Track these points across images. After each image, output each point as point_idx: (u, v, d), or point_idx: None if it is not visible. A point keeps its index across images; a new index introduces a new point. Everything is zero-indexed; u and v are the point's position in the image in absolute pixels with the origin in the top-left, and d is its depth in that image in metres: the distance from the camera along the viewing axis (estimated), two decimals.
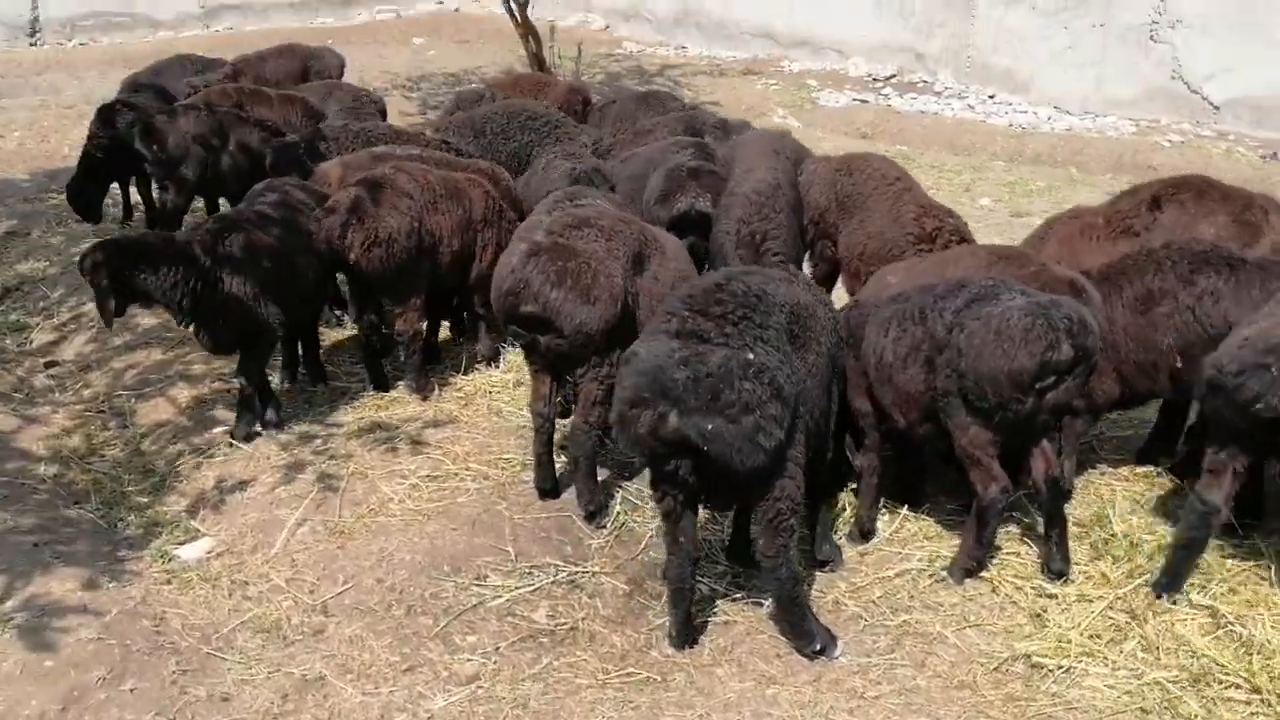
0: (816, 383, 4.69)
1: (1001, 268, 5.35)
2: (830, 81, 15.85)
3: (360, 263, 6.42)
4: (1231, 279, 5.14)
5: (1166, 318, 5.24)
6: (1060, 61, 14.06)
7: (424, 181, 6.70)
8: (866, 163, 6.98)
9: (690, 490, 4.41)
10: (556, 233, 5.35)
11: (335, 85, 10.23)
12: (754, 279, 4.74)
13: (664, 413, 4.13)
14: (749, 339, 4.37)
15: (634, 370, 4.29)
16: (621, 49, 18.83)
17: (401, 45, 19.68)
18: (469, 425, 6.49)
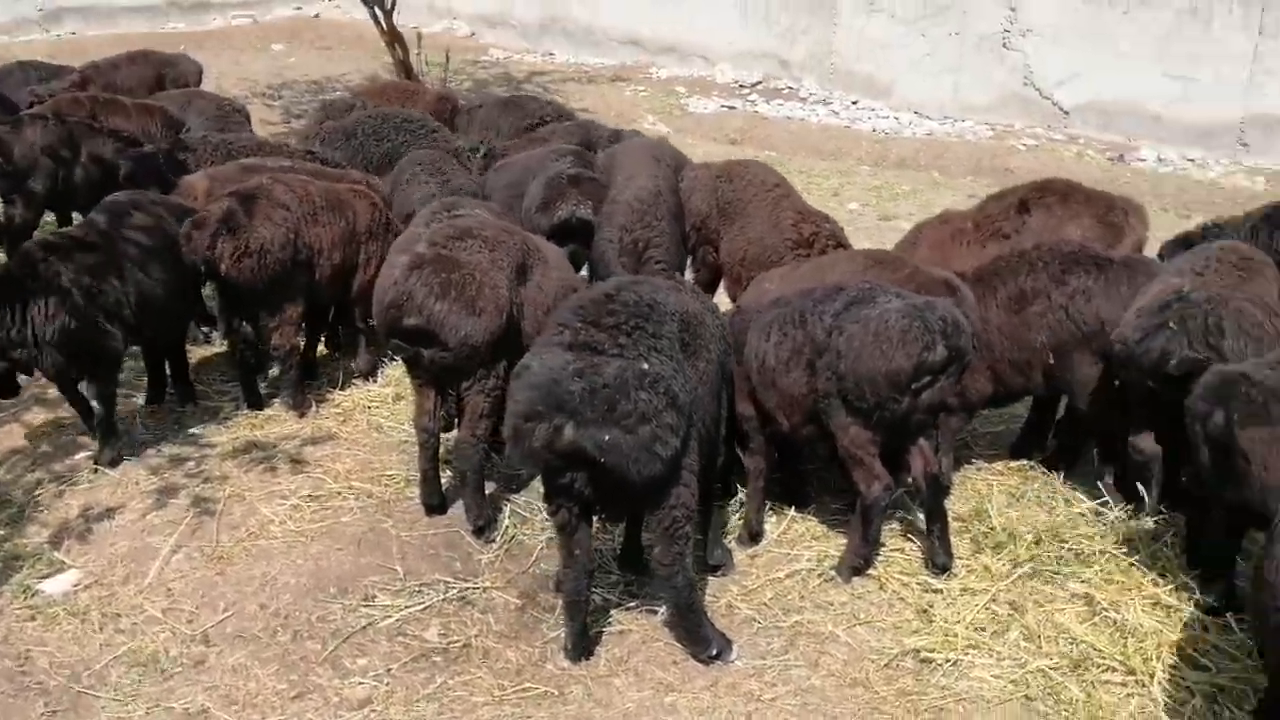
0: (708, 390, 4.71)
1: (877, 271, 5.47)
2: (698, 88, 16.02)
3: (231, 274, 6.19)
4: (1101, 277, 5.36)
5: (1039, 316, 5.43)
6: (920, 69, 14.50)
7: (303, 193, 6.52)
8: (746, 169, 7.07)
9: (585, 502, 4.38)
10: (439, 244, 5.25)
11: (195, 94, 9.88)
12: (644, 288, 4.73)
13: (559, 425, 4.08)
14: (643, 349, 4.35)
15: (527, 383, 4.24)
16: (488, 56, 18.69)
17: (259, 52, 19.14)
18: (349, 442, 6.33)
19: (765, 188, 6.81)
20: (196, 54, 17.75)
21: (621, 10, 17.88)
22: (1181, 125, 12.46)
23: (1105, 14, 12.78)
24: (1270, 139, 11.90)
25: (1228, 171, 11.81)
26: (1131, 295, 5.19)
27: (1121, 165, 12.19)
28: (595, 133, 7.84)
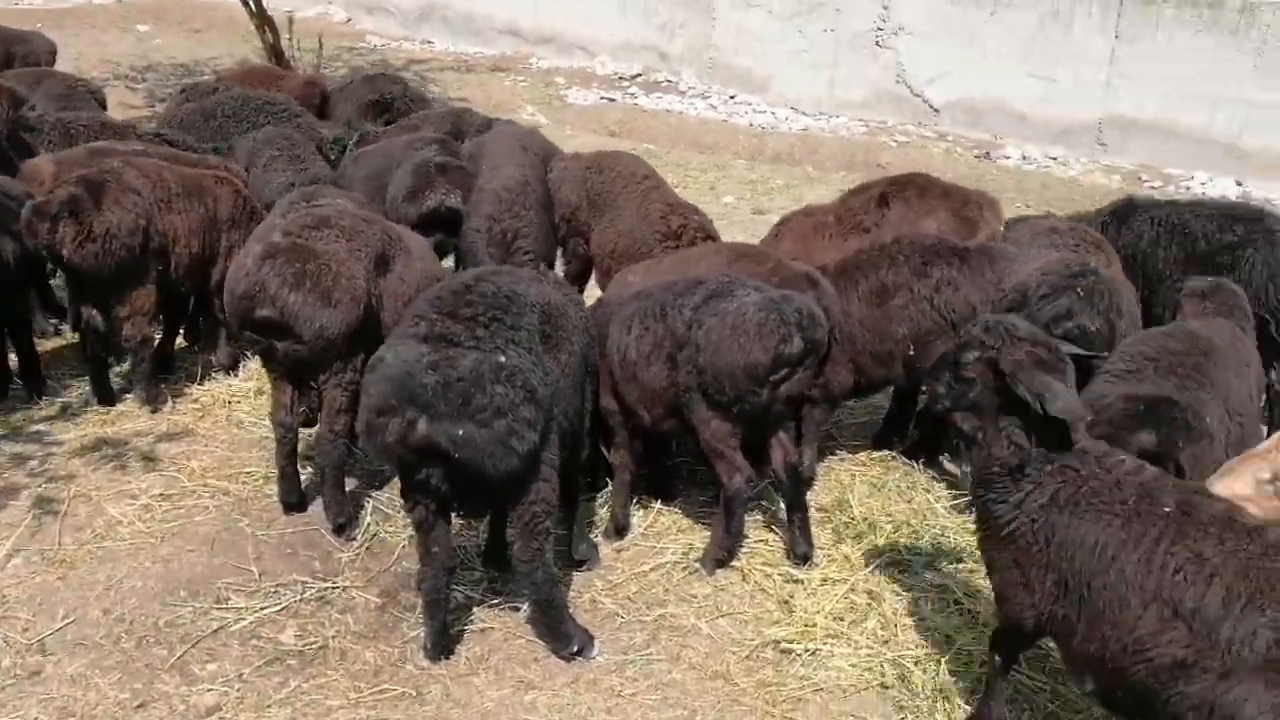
0: (570, 383, 4.67)
1: (741, 265, 5.51)
2: (578, 79, 15.95)
3: (74, 260, 5.91)
4: (964, 267, 5.50)
5: (901, 309, 5.54)
6: (796, 64, 14.68)
7: (157, 178, 6.27)
8: (616, 160, 7.05)
9: (442, 498, 4.30)
10: (294, 233, 5.10)
11: (46, 73, 9.43)
12: (504, 279, 4.66)
13: (413, 420, 4.00)
14: (500, 341, 4.29)
15: (381, 376, 4.14)
16: (365, 43, 18.30)
17: (123, 32, 18.41)
18: (206, 438, 6.13)
19: (635, 179, 6.80)
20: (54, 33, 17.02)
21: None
22: (1044, 124, 12.87)
23: (972, 15, 13.12)
24: (1125, 139, 12.38)
25: (1086, 170, 12.25)
26: (997, 279, 5.35)
27: (988, 162, 12.53)
28: (467, 121, 7.72)
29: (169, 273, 6.30)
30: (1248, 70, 11.51)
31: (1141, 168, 12.21)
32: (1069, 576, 3.52)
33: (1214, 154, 11.86)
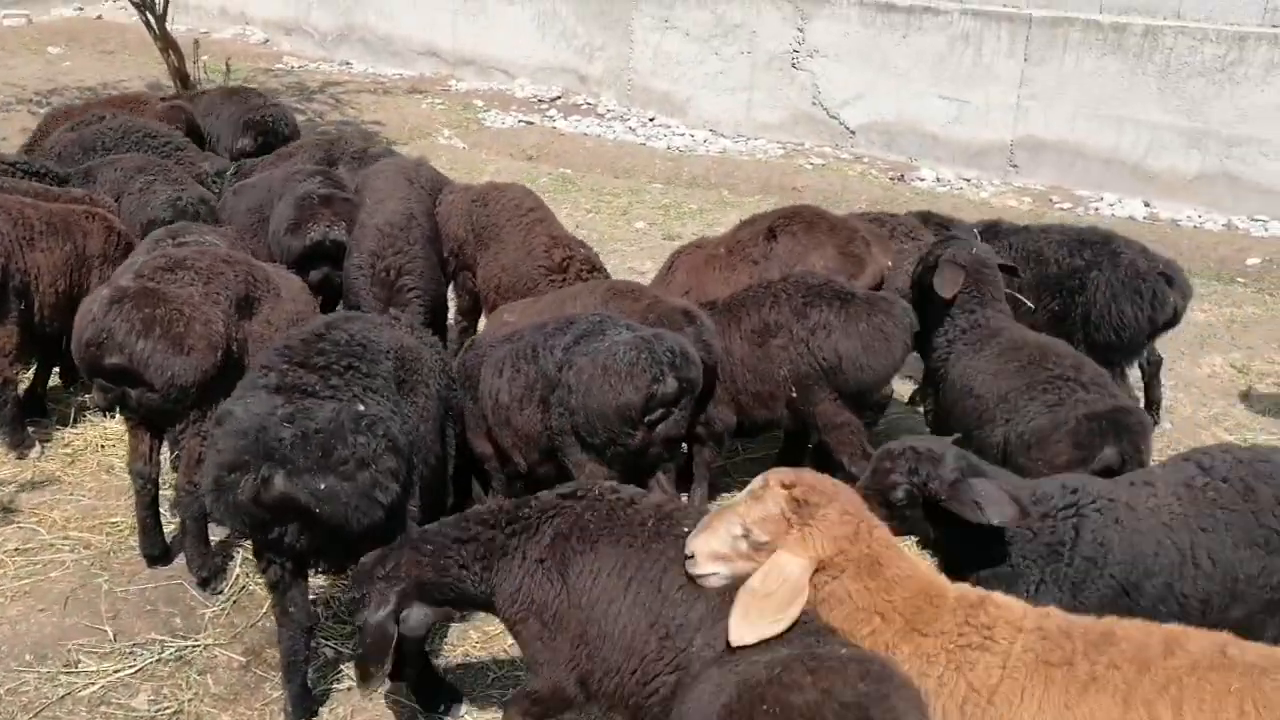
0: (429, 428, 4.52)
1: (617, 302, 5.38)
2: (497, 102, 15.79)
3: None
4: (842, 312, 5.39)
5: (781, 349, 5.43)
6: (714, 86, 14.65)
7: (18, 215, 6.02)
8: (502, 193, 6.89)
9: (299, 556, 4.12)
10: (146, 276, 4.89)
11: None
12: (355, 325, 4.53)
13: (268, 476, 3.82)
14: (358, 389, 4.14)
15: (231, 430, 3.96)
16: (282, 64, 17.99)
17: (34, 54, 17.95)
18: (73, 486, 5.89)
19: (520, 212, 6.65)
20: None
21: (421, 21, 17.49)
22: (957, 146, 12.94)
23: (885, 37, 13.17)
24: (1036, 161, 12.46)
25: (999, 191, 12.31)
26: (870, 331, 5.26)
27: (902, 185, 12.56)
28: (340, 149, 7.52)
29: (32, 312, 6.04)
30: (1152, 93, 11.65)
31: (1052, 189, 12.30)
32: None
33: (1121, 175, 11.98)
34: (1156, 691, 2.74)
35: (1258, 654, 2.83)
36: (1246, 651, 2.82)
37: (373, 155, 7.52)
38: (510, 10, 16.38)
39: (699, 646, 3.20)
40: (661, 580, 3.34)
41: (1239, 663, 2.77)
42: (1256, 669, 2.74)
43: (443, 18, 17.18)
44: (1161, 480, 3.90)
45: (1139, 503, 3.80)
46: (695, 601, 3.26)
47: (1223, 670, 2.74)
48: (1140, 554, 3.68)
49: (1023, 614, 3.01)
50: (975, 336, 5.24)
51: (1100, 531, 3.71)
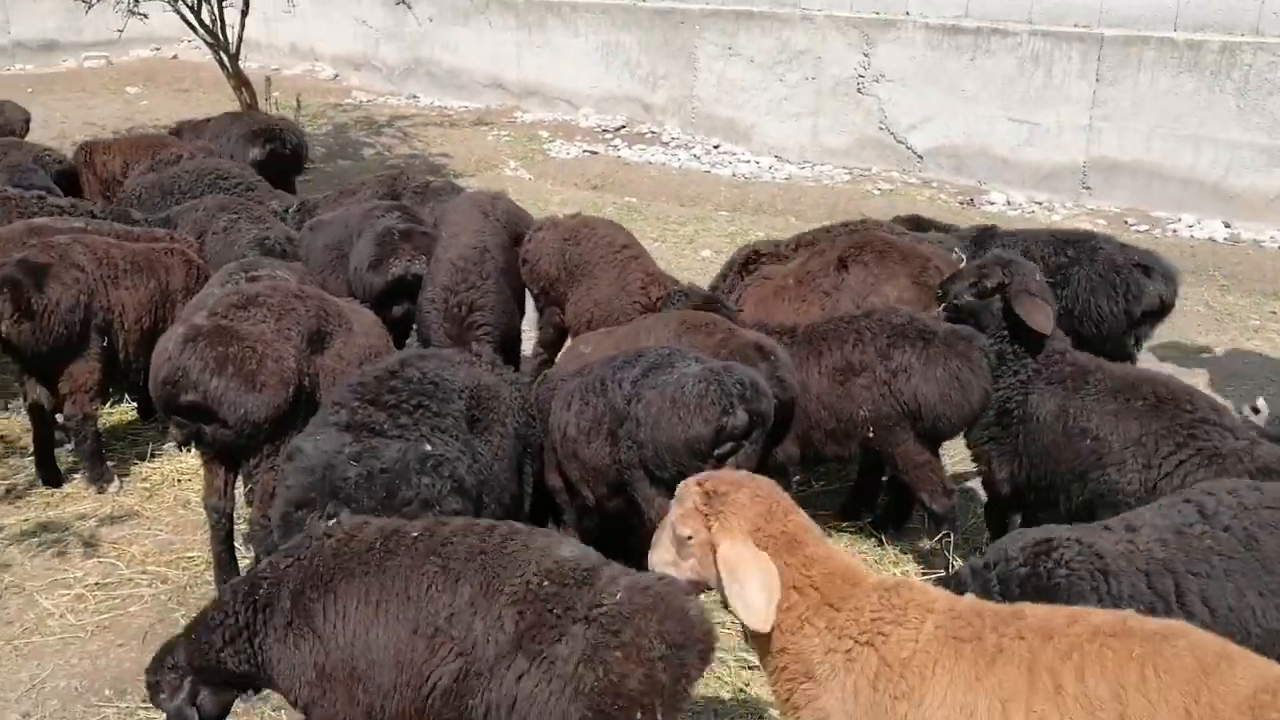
0: (503, 467, 4.50)
1: (690, 336, 5.33)
2: (561, 132, 15.90)
3: (10, 337, 5.83)
4: (924, 354, 5.23)
5: (864, 390, 5.30)
6: (779, 112, 14.60)
7: (103, 254, 6.16)
8: (594, 230, 6.87)
9: None
10: (219, 314, 4.95)
11: (13, 144, 9.34)
12: (430, 364, 4.54)
13: (334, 514, 3.83)
14: (425, 429, 4.13)
15: (300, 468, 3.99)
16: (351, 99, 18.32)
17: (113, 95, 18.48)
18: (151, 520, 5.97)
19: (613, 248, 6.65)
20: (44, 97, 17.20)
21: (486, 54, 17.71)
22: (1028, 169, 12.74)
23: (951, 60, 13.04)
24: (1109, 182, 12.22)
25: (1071, 214, 12.08)
26: (948, 378, 5.15)
27: (972, 208, 12.38)
28: (403, 183, 7.58)
29: (115, 349, 6.16)
30: (1230, 110, 11.37)
31: (1127, 211, 12.04)
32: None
33: (1200, 195, 11.70)
34: (1060, 658, 2.82)
35: (1159, 624, 2.91)
36: (1147, 622, 2.90)
37: (435, 189, 7.58)
38: (575, 42, 16.52)
39: (483, 627, 3.18)
40: (407, 589, 3.28)
41: (1140, 631, 2.85)
42: (1158, 636, 2.82)
43: (508, 50, 17.37)
44: (1149, 524, 3.71)
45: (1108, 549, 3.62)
46: (455, 588, 3.23)
47: (1124, 637, 2.82)
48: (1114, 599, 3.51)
49: (935, 598, 3.07)
50: (1062, 372, 5.08)
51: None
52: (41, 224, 6.52)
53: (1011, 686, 2.82)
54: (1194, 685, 2.69)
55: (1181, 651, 2.76)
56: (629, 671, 3.03)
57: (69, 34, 20.56)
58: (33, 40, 20.48)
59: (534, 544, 3.35)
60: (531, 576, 3.22)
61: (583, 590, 3.18)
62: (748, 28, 14.69)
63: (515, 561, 3.27)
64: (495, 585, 3.22)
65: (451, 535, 3.38)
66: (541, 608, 3.15)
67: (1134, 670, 2.74)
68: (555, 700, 3.08)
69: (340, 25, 19.60)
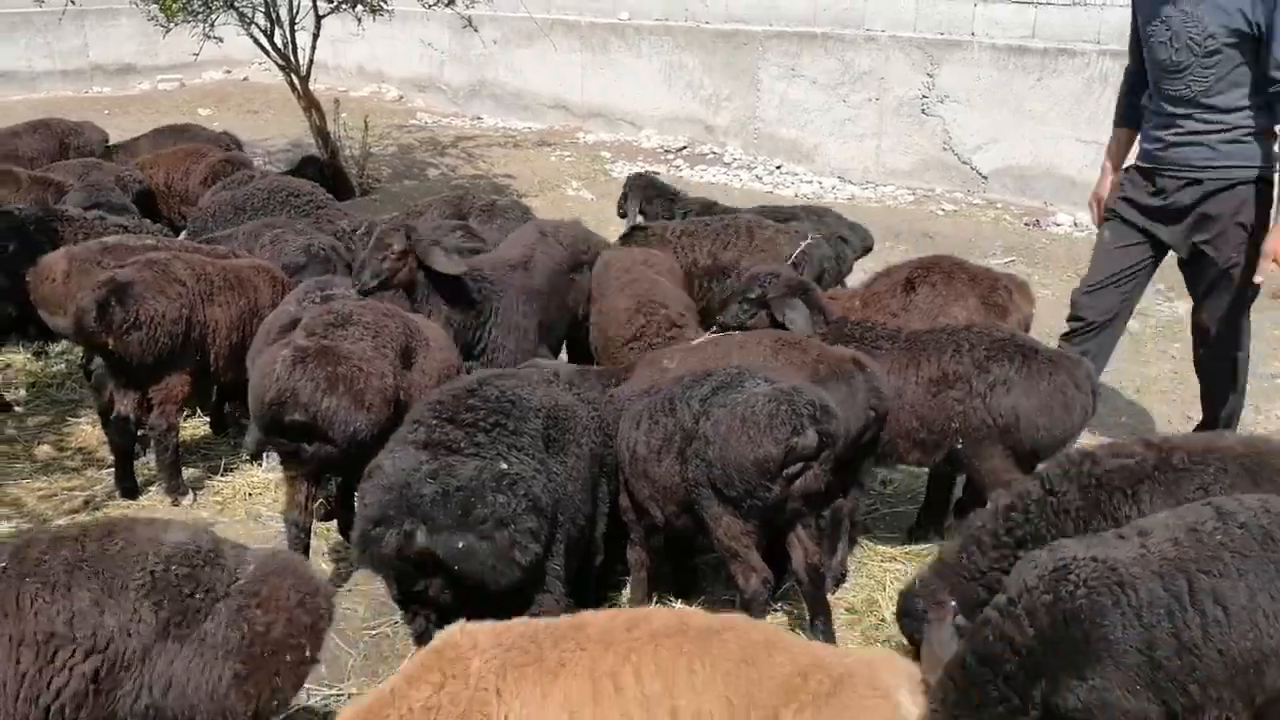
0: (579, 488, 4.53)
1: (786, 353, 5.33)
2: (624, 153, 16.00)
3: (117, 349, 6.03)
4: (1024, 369, 5.22)
5: (957, 402, 5.29)
6: (841, 133, 14.58)
7: (200, 271, 6.35)
8: (609, 257, 6.90)
9: (444, 609, 4.15)
10: (319, 334, 5.05)
11: (94, 164, 9.61)
12: (508, 382, 4.57)
13: (410, 531, 3.88)
14: (502, 447, 4.17)
15: (378, 485, 4.04)
16: (416, 120, 18.60)
17: (185, 116, 18.82)
18: (223, 532, 5.97)
19: (615, 273, 6.66)
20: (119, 119, 17.63)
21: (550, 75, 17.90)
22: None
23: (1018, 81, 12.93)
24: None
25: None
26: (1051, 392, 5.13)
27: (1038, 230, 12.25)
28: (468, 203, 7.68)
29: (207, 363, 6.34)
30: None
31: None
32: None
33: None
34: (619, 662, 3.02)
35: (716, 620, 3.15)
36: (704, 619, 3.15)
37: (501, 208, 7.67)
38: (638, 63, 16.63)
39: (117, 623, 3.28)
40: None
41: (692, 628, 3.08)
42: (708, 631, 3.05)
43: (571, 71, 17.53)
44: (1161, 525, 3.64)
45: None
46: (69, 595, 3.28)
47: (678, 636, 3.06)
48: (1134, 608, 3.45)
49: (474, 639, 3.21)
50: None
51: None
52: (115, 242, 6.72)
53: (578, 697, 3.00)
54: (735, 674, 2.95)
55: (727, 643, 3.02)
56: (272, 621, 3.42)
57: (144, 58, 21.11)
58: (110, 64, 21.06)
59: (138, 536, 3.52)
60: (155, 566, 3.40)
61: (216, 570, 3.45)
62: (810, 49, 14.70)
63: (127, 557, 3.43)
64: (118, 583, 3.35)
65: (42, 555, 3.43)
66: (178, 594, 3.36)
67: (683, 665, 2.98)
68: (210, 668, 3.34)
69: (406, 47, 19.92)
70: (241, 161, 9.85)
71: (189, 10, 12.26)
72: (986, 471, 5.33)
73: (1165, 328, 9.25)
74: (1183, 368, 8.32)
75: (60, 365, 8.44)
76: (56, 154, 10.92)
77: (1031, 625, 3.47)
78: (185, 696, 3.34)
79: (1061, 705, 3.43)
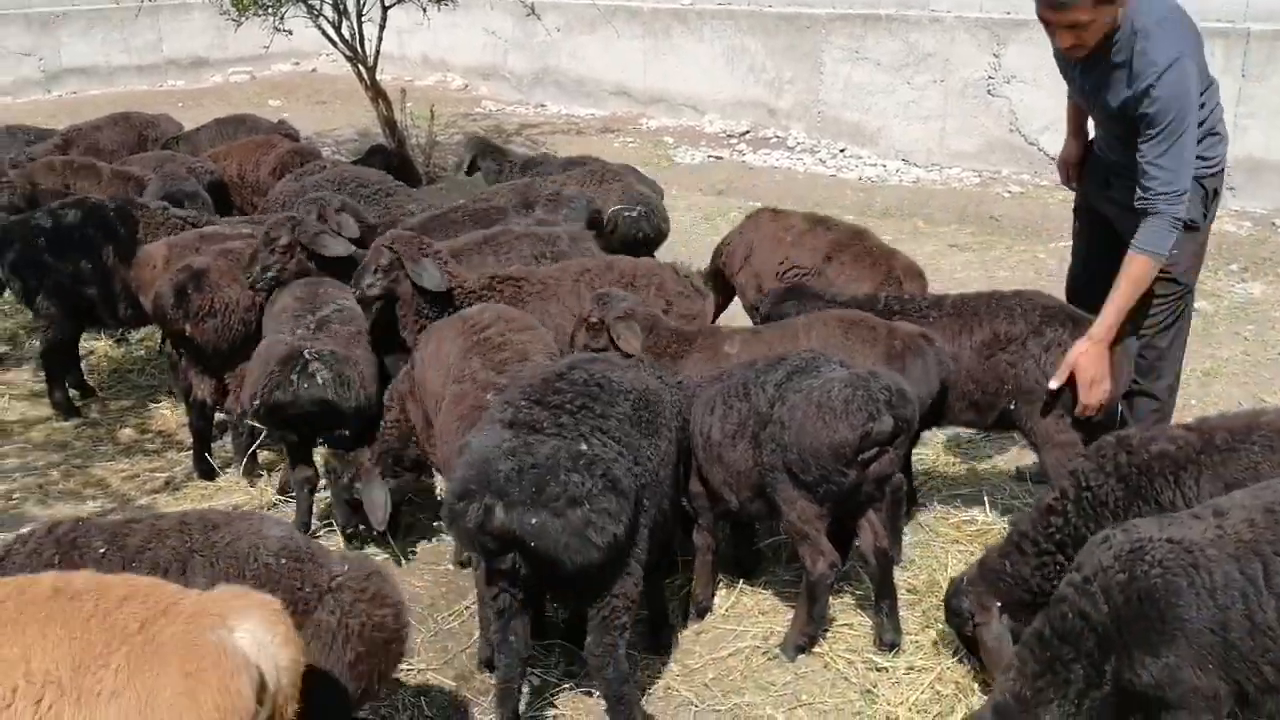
0: (668, 473, 4.60)
1: (856, 331, 5.42)
2: (686, 138, 16.01)
3: (195, 335, 6.32)
4: (1076, 332, 5.29)
5: (1010, 366, 5.39)
6: (906, 115, 14.45)
7: None
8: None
9: (527, 587, 4.24)
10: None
11: (168, 156, 9.87)
12: (597, 366, 4.65)
13: (490, 506, 3.97)
14: (585, 429, 4.23)
15: (464, 462, 4.15)
16: (480, 108, 18.76)
17: (256, 108, 19.16)
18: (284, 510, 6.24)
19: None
20: (193, 112, 18.02)
21: (612, 62, 17.95)
22: None
23: None
24: (1255, 182, 11.75)
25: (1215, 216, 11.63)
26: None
27: None
28: (534, 192, 7.77)
29: None
30: None
31: (1275, 212, 11.56)
32: None
33: None
34: None
35: (94, 581, 3.13)
36: (81, 581, 3.12)
37: (567, 197, 7.74)
38: (700, 47, 16.62)
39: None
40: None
41: (61, 591, 3.05)
42: (71, 594, 3.03)
43: (634, 57, 17.56)
44: (1238, 506, 3.65)
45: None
46: (182, 579, 3.54)
47: (43, 601, 3.03)
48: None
49: None
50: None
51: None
52: (210, 232, 6.99)
53: None
54: (84, 630, 2.96)
55: (85, 603, 3.01)
56: (384, 613, 3.82)
57: (216, 51, 21.55)
58: (184, 57, 21.53)
59: (241, 529, 3.85)
60: (268, 559, 3.74)
61: (317, 568, 3.79)
62: (874, 30, 14.58)
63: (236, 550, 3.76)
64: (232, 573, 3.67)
65: (145, 543, 3.75)
66: (290, 585, 3.67)
67: (37, 629, 2.96)
68: (336, 651, 3.71)
69: (470, 36, 20.08)
70: (311, 152, 10.06)
71: (259, 4, 12.51)
72: (1039, 431, 5.40)
73: (1238, 309, 9.08)
74: (1255, 349, 8.19)
75: (140, 352, 8.71)
76: (135, 146, 11.23)
77: (1106, 603, 3.57)
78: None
79: (1135, 681, 3.54)
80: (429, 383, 5.38)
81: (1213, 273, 9.87)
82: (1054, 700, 3.69)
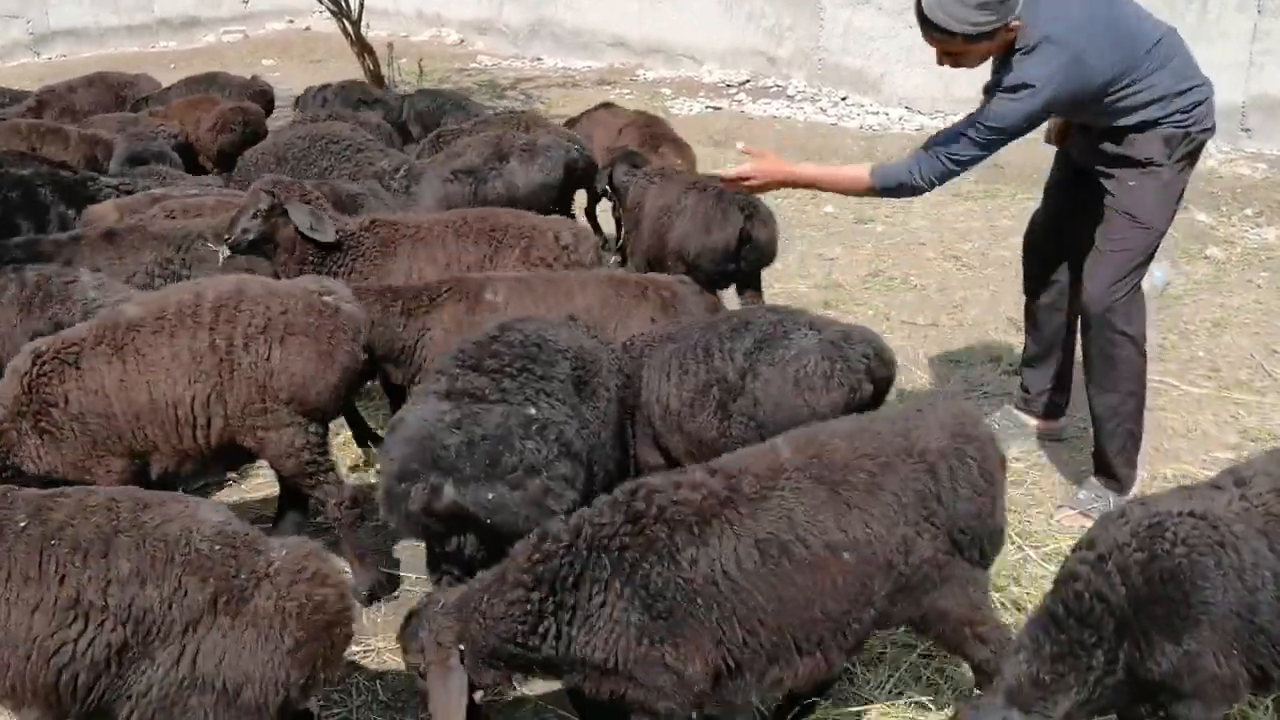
0: (610, 434, 4.33)
1: (626, 289, 5.45)
2: (684, 89, 15.59)
3: None
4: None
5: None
6: (909, 61, 13.98)
7: None
8: None
9: (476, 567, 3.98)
10: None
11: (131, 118, 9.58)
12: (531, 326, 4.37)
13: (436, 485, 3.71)
14: (530, 392, 3.97)
15: (400, 439, 3.87)
16: (476, 63, 18.36)
17: (249, 67, 18.79)
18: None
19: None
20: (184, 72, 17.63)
21: (609, 13, 17.51)
22: None
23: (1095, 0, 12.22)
24: (1272, 122, 11.29)
25: (1228, 158, 11.18)
26: None
27: None
28: (507, 143, 7.46)
29: None
30: None
31: None
32: None
33: None
34: None
35: None
36: None
37: (542, 146, 7.44)
38: None
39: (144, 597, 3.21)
40: (28, 570, 3.21)
41: None
42: None
43: (631, 7, 17.12)
44: (1261, 474, 3.34)
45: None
46: (104, 560, 3.23)
47: None
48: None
49: None
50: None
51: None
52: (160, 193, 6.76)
53: None
54: None
55: None
56: (325, 593, 3.37)
57: (208, 10, 21.18)
58: (175, 18, 21.15)
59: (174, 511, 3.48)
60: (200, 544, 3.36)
61: (254, 554, 3.40)
62: None
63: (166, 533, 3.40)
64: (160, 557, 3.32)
65: (69, 518, 3.39)
66: (225, 572, 3.32)
67: None
68: (270, 636, 3.29)
69: None
70: (252, 110, 9.79)
71: None
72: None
73: (1252, 255, 8.67)
74: (1268, 298, 7.82)
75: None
76: (112, 106, 11.00)
77: (1123, 584, 3.23)
78: (238, 666, 3.29)
79: (1153, 669, 3.21)
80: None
81: (1226, 218, 9.48)
82: (1074, 687, 3.27)
